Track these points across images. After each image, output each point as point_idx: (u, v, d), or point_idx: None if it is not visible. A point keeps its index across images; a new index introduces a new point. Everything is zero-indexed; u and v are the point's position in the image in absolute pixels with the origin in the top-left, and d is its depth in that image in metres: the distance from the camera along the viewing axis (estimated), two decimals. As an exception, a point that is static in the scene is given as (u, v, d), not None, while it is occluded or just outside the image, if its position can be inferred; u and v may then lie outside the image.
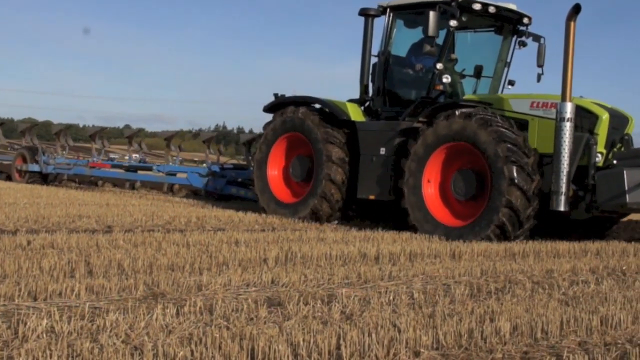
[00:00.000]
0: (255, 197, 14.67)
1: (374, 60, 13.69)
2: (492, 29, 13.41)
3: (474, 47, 13.73)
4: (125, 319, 4.84)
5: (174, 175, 19.15)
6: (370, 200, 12.72)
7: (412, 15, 13.30)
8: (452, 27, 12.17)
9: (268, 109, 14.31)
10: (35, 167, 21.44)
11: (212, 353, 4.14)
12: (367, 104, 13.73)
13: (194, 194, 19.15)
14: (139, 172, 20.05)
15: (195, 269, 7.10)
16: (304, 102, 13.71)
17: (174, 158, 20.27)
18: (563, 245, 10.33)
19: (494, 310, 5.74)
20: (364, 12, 13.49)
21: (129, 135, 22.08)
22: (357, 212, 13.55)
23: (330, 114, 13.36)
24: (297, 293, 6.14)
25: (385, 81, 13.28)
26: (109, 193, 19.28)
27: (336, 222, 13.12)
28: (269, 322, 5.08)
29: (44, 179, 21.66)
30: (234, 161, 18.80)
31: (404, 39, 13.61)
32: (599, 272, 8.47)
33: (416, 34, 13.44)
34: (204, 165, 18.25)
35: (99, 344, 4.24)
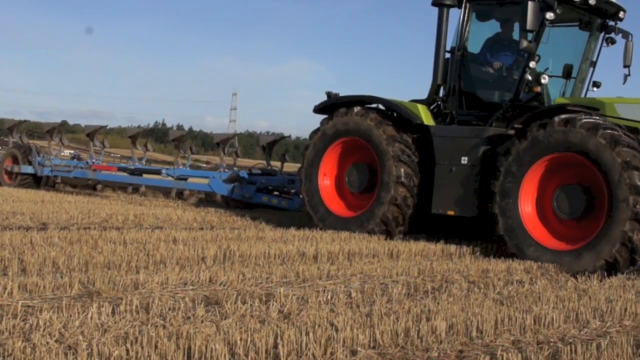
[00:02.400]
0: (292, 206, 13.99)
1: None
2: (577, 23, 11.79)
3: (555, 44, 11.76)
4: (59, 318, 4.76)
5: (185, 179, 17.18)
6: (448, 215, 11.06)
7: (489, 7, 11.80)
8: (547, 20, 10.62)
9: (320, 109, 12.59)
10: (28, 169, 19.18)
11: (148, 352, 4.10)
12: (434, 105, 12.11)
13: (207, 200, 17.30)
14: (144, 175, 18.30)
15: (132, 268, 7.03)
16: (362, 102, 12.03)
17: (184, 162, 18.09)
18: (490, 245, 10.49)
19: (431, 309, 5.80)
20: (438, 2, 11.78)
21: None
22: (429, 227, 11.73)
23: (396, 116, 11.81)
24: (235, 292, 6.13)
25: (461, 81, 11.58)
26: (50, 192, 18.93)
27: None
28: (206, 321, 5.05)
29: (37, 182, 19.41)
30: (260, 166, 16.63)
31: (480, 34, 12.05)
32: (533, 272, 8.62)
33: (490, 28, 12.01)
34: (221, 169, 16.31)
35: (32, 343, 4.17)
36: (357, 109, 11.78)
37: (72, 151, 21.50)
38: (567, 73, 11.67)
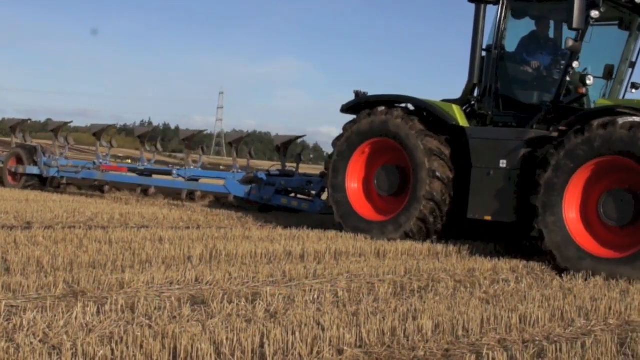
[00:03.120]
0: (313, 209, 13.63)
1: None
2: (617, 23, 11.30)
3: (594, 44, 11.11)
4: (44, 318, 4.73)
5: (196, 180, 16.54)
6: (485, 221, 10.54)
7: (526, 4, 11.33)
8: (592, 18, 10.11)
9: (347, 109, 12.10)
10: (34, 170, 18.26)
11: (134, 352, 4.08)
12: (467, 106, 11.59)
13: (219, 202, 16.60)
14: (154, 176, 17.49)
15: (118, 267, 7.00)
16: (392, 101, 11.56)
17: (195, 162, 17.31)
18: (483, 244, 10.51)
19: (417, 308, 5.81)
20: None
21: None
22: (464, 232, 11.28)
23: (425, 115, 11.31)
24: (221, 291, 6.11)
25: (498, 80, 11.09)
26: (35, 191, 18.81)
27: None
28: (192, 320, 5.04)
29: (42, 183, 18.55)
30: (277, 167, 15.86)
31: (517, 31, 11.57)
32: (519, 271, 8.65)
33: (526, 26, 11.52)
34: (234, 170, 15.76)
35: (15, 343, 4.14)
36: (382, 108, 11.36)
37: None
38: (608, 74, 11.26)
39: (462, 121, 10.95)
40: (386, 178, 11.48)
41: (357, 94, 12.07)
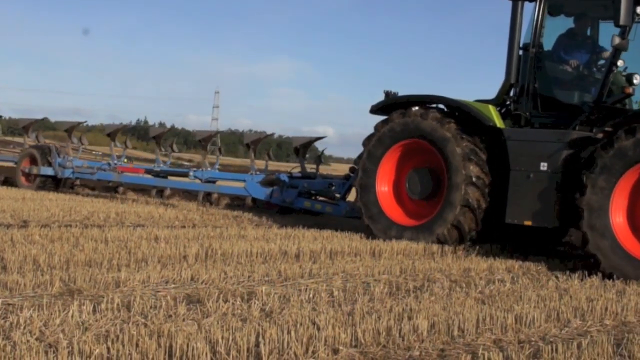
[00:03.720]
0: (338, 212, 13.09)
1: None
2: None
3: (635, 42, 10.53)
4: (40, 316, 4.73)
5: (213, 182, 16.06)
6: (524, 226, 10.09)
7: (564, 0, 10.98)
8: (638, 15, 9.76)
9: (377, 109, 11.63)
10: (48, 171, 17.75)
11: (129, 351, 4.08)
12: (502, 106, 11.10)
13: (236, 204, 16.10)
14: (170, 178, 16.83)
15: (114, 265, 7.00)
16: (423, 102, 11.14)
17: (211, 163, 16.66)
18: (481, 244, 10.52)
19: (412, 308, 5.81)
20: None
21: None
22: (500, 237, 10.85)
23: (461, 117, 10.79)
24: (217, 290, 6.12)
25: (536, 80, 10.67)
26: (31, 190, 18.77)
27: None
28: (188, 319, 5.04)
29: (56, 184, 18.13)
30: (297, 168, 15.28)
31: (555, 29, 11.09)
32: (515, 271, 8.66)
33: (563, 23, 11.09)
34: (252, 172, 15.07)
35: (12, 341, 4.14)
36: (416, 108, 10.90)
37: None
38: None
39: (499, 122, 10.55)
40: (418, 181, 11.05)
41: (387, 94, 11.57)
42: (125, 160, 18.15)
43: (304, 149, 15.46)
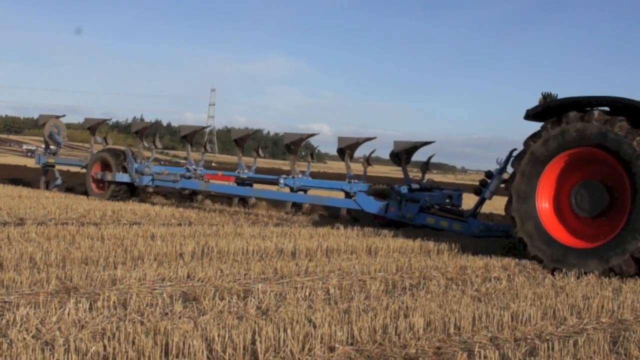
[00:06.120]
0: (468, 231, 11.51)
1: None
2: None
3: None
4: (36, 314, 4.73)
5: (305, 192, 14.57)
6: None
7: None
8: None
9: (534, 114, 10.04)
10: (124, 178, 15.81)
11: (126, 348, 4.08)
12: None
13: (327, 214, 15.09)
14: (255, 186, 15.29)
15: (110, 263, 7.00)
16: (589, 104, 9.51)
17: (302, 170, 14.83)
18: (479, 242, 10.53)
19: (409, 306, 5.81)
20: None
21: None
22: None
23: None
24: (213, 288, 6.11)
25: None
26: (27, 188, 18.72)
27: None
28: (184, 317, 5.04)
29: (131, 192, 16.27)
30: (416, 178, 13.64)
31: None
32: (511, 269, 8.66)
33: None
34: (350, 180, 13.54)
35: (9, 339, 4.14)
36: (597, 113, 9.27)
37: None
38: None
39: None
40: (588, 196, 9.49)
41: (545, 96, 10.12)
42: (214, 164, 15.99)
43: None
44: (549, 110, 9.77)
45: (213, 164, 16.19)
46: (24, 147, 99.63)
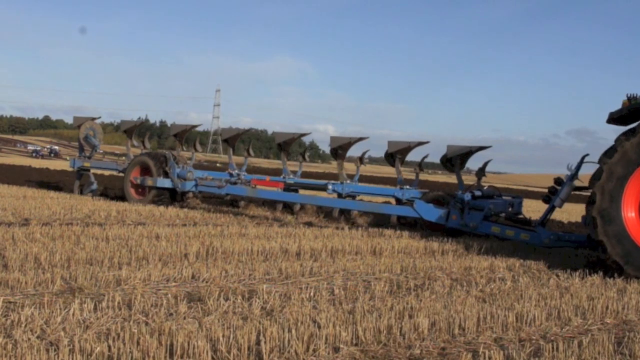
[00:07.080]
0: (536, 241, 10.88)
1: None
2: None
3: None
4: (41, 314, 4.74)
5: (353, 198, 13.96)
6: None
7: None
8: None
9: (617, 118, 9.46)
10: (166, 183, 15.07)
11: (130, 349, 4.08)
12: None
13: (377, 221, 14.37)
14: (301, 192, 14.79)
15: (115, 264, 7.00)
16: None
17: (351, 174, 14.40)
18: (482, 242, 10.52)
19: (413, 306, 5.81)
20: None
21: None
22: None
23: None
24: (218, 288, 6.12)
25: None
26: (32, 188, 18.72)
27: None
28: (189, 317, 5.04)
29: (172, 197, 15.61)
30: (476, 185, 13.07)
31: None
32: (516, 270, 8.65)
33: None
34: (400, 185, 13.21)
35: (13, 339, 4.15)
36: None
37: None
38: None
39: None
40: None
41: (631, 99, 9.32)
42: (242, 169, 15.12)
43: (463, 159, 13.24)
44: (634, 113, 9.26)
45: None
46: (29, 147, 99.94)
